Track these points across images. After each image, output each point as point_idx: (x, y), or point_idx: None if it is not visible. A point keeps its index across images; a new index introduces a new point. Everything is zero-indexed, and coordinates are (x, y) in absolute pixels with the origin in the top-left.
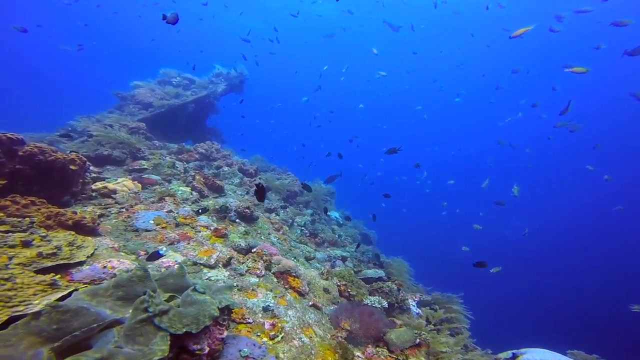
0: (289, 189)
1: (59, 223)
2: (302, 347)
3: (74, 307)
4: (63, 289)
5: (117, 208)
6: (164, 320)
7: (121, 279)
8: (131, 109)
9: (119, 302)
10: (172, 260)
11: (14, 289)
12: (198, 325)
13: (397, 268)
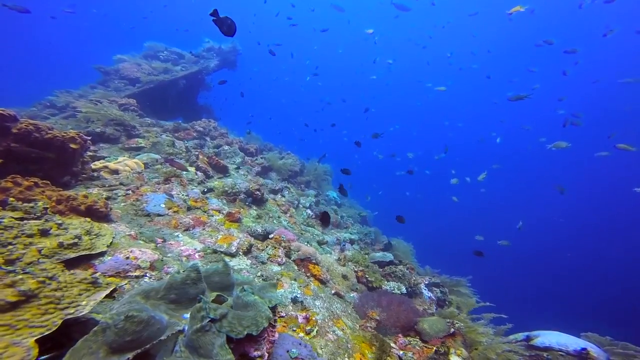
0: (291, 169)
1: (71, 208)
2: (338, 341)
3: (145, 317)
4: (104, 287)
5: (123, 190)
6: (224, 324)
7: (174, 281)
8: (117, 84)
9: (172, 306)
10: (191, 247)
11: (59, 289)
12: (258, 328)
13: (402, 250)
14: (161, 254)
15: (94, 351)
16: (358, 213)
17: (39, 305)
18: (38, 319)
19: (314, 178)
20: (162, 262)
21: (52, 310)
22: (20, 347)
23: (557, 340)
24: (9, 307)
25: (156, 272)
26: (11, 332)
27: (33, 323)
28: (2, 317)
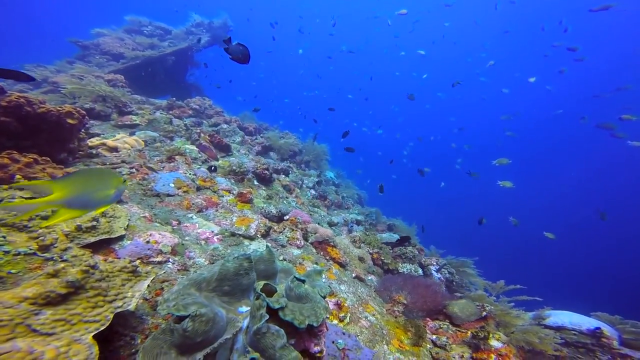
0: (292, 149)
1: None
2: (372, 328)
3: (212, 315)
4: (144, 276)
5: (127, 168)
6: (286, 313)
7: (227, 271)
8: (98, 59)
9: (226, 299)
10: (208, 230)
11: (103, 279)
12: (317, 319)
13: (406, 231)
14: (180, 238)
15: (166, 351)
16: (356, 193)
17: (88, 297)
18: (90, 312)
19: (314, 158)
20: (183, 247)
21: (102, 304)
22: (81, 344)
23: (569, 320)
24: (60, 299)
25: (179, 257)
26: (68, 328)
27: (86, 317)
28: (56, 311)
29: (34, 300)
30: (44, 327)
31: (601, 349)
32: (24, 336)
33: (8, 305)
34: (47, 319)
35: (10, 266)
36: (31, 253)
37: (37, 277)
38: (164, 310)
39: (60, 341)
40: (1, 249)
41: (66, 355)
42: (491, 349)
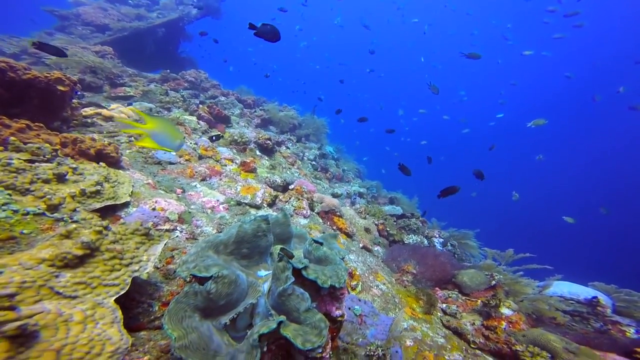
0: (291, 122)
1: (79, 152)
2: (384, 296)
3: (233, 277)
4: (156, 239)
5: (125, 137)
6: (309, 272)
7: (245, 233)
8: (80, 31)
9: (244, 262)
10: (213, 199)
11: (117, 241)
12: (339, 281)
13: (407, 204)
14: (186, 206)
15: (190, 315)
16: (355, 167)
17: (105, 260)
18: (108, 276)
19: (313, 131)
20: (190, 215)
21: (119, 267)
22: (105, 307)
23: (568, 290)
24: (77, 262)
25: (187, 226)
26: (90, 291)
27: (106, 281)
28: (75, 274)
29: (52, 262)
30: (66, 289)
31: (595, 316)
32: (49, 298)
33: (27, 266)
34: (68, 282)
35: (22, 226)
36: (40, 213)
37: (50, 238)
38: (184, 272)
39: (84, 304)
40: (9, 207)
41: (93, 318)
42: (502, 316)
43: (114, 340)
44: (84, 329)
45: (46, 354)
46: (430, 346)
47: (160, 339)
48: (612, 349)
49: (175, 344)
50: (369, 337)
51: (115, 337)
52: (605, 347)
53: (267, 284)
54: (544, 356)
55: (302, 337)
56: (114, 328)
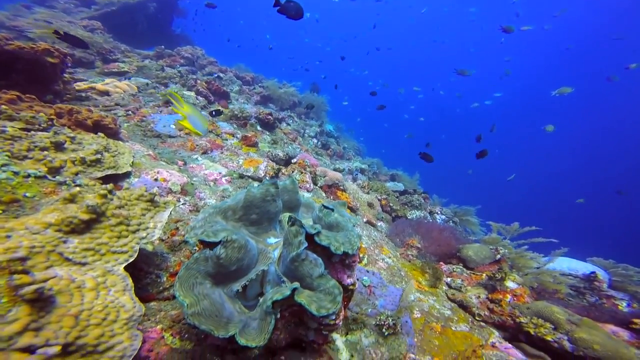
0: (291, 99)
1: (76, 122)
2: (390, 269)
3: (243, 241)
4: (162, 206)
5: (122, 111)
6: (322, 238)
7: (253, 197)
8: (63, 5)
9: (253, 229)
10: (216, 171)
11: (122, 207)
12: (352, 247)
13: (408, 180)
14: (188, 177)
15: (201, 281)
16: (355, 145)
17: (111, 226)
18: (116, 242)
19: (314, 110)
20: (193, 186)
21: (126, 233)
22: (116, 275)
23: (568, 266)
24: (84, 227)
25: (190, 197)
26: (99, 258)
27: (114, 248)
28: (83, 240)
29: (59, 227)
30: (75, 255)
31: (591, 291)
32: (60, 265)
33: (35, 230)
34: (77, 248)
35: (24, 189)
36: (42, 176)
37: (54, 202)
38: (192, 238)
39: (95, 271)
40: (9, 168)
41: (105, 285)
42: (507, 289)
43: (128, 308)
44: (97, 296)
45: (65, 319)
46: (437, 317)
47: (170, 309)
48: (611, 321)
49: (187, 311)
50: (378, 308)
51: (129, 304)
52: (603, 319)
53: (277, 251)
54: (547, 327)
55: (316, 303)
56: (126, 296)
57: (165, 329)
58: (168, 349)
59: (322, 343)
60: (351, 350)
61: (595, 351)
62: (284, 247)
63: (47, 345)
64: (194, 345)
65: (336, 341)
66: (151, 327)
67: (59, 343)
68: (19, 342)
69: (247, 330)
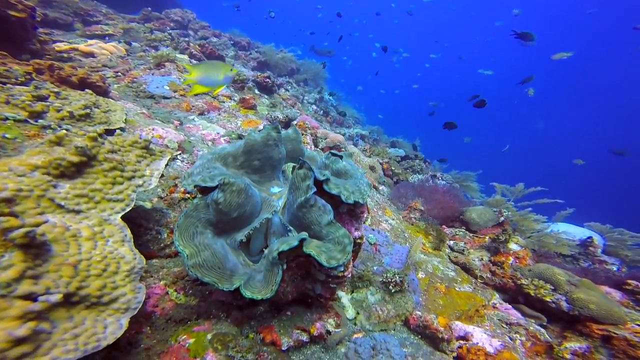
0: (290, 65)
1: (59, 79)
2: (394, 231)
3: (243, 185)
4: (158, 154)
5: (111, 72)
6: (330, 187)
7: (254, 142)
8: None
9: (255, 177)
10: (214, 132)
11: (116, 152)
12: (363, 196)
13: (409, 147)
14: (186, 136)
15: (202, 231)
16: (355, 114)
17: (104, 171)
18: (110, 189)
19: (312, 76)
20: (190, 144)
21: (121, 180)
22: (113, 224)
23: (565, 229)
24: (75, 171)
25: (188, 155)
26: (93, 206)
27: (109, 195)
28: (74, 185)
29: (46, 169)
30: (68, 202)
31: (585, 256)
32: (52, 212)
33: (19, 172)
34: (68, 194)
35: (3, 130)
36: (22, 120)
37: (40, 145)
38: (189, 184)
39: (90, 220)
40: None
41: (102, 235)
42: (510, 251)
43: (128, 259)
44: (95, 246)
45: (64, 268)
46: (441, 278)
47: (173, 266)
48: (606, 283)
49: (188, 262)
50: (385, 265)
51: (129, 255)
52: (599, 281)
53: (282, 200)
54: (547, 288)
55: (326, 254)
56: (126, 247)
57: (169, 284)
58: (173, 304)
59: (329, 297)
60: (357, 308)
61: (590, 310)
62: (290, 193)
63: (48, 293)
64: (199, 301)
65: (342, 299)
66: (154, 283)
67: (61, 292)
68: (19, 289)
69: (252, 283)
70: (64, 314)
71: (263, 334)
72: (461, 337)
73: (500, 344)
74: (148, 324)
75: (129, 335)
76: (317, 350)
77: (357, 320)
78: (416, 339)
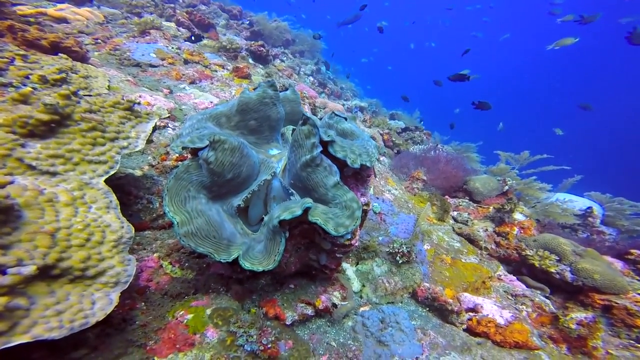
0: (284, 36)
1: (25, 42)
2: (397, 200)
3: (236, 143)
4: (145, 117)
5: (89, 39)
6: (336, 148)
7: (249, 100)
8: None
9: (252, 138)
10: (206, 100)
11: (95, 112)
12: (371, 159)
13: (408, 119)
14: (176, 104)
15: (194, 195)
16: (352, 87)
17: (82, 131)
18: (91, 150)
19: (308, 48)
20: (182, 112)
21: (102, 141)
22: (95, 189)
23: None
24: (46, 130)
25: (179, 123)
26: (71, 168)
27: (89, 156)
28: (47, 145)
29: (10, 127)
30: (40, 163)
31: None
32: (22, 173)
33: None
34: (40, 154)
35: None
36: None
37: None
38: (177, 146)
39: (69, 184)
40: None
41: (83, 200)
42: (514, 222)
43: (114, 227)
44: (76, 213)
45: (40, 237)
46: (447, 250)
47: (167, 237)
48: (608, 253)
49: (179, 231)
50: (391, 235)
51: (115, 224)
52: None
53: (282, 162)
54: (552, 259)
55: (333, 221)
56: (112, 214)
57: (163, 257)
58: (169, 278)
59: (335, 268)
60: (363, 280)
61: (594, 280)
62: (292, 152)
63: (21, 265)
64: (196, 274)
65: (346, 271)
66: (147, 255)
67: (36, 263)
68: None
69: (252, 253)
70: (44, 288)
71: (266, 308)
72: (470, 309)
73: (511, 316)
74: (142, 299)
75: (122, 312)
76: (323, 324)
77: (363, 293)
78: (424, 311)
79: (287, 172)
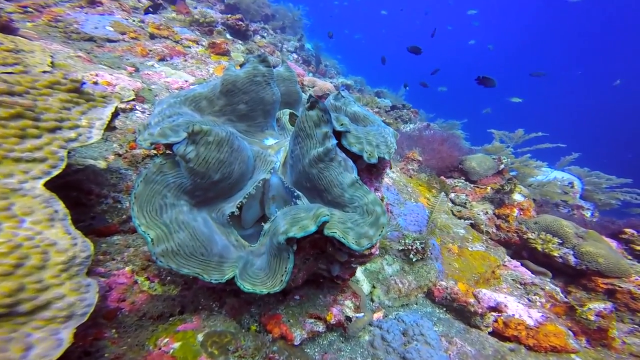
0: (263, 10)
1: None
2: (396, 184)
3: (223, 133)
4: (99, 100)
5: (12, 6)
6: (350, 139)
7: (237, 78)
8: None
9: (243, 126)
10: (180, 79)
11: (19, 94)
12: (389, 150)
13: (394, 97)
14: (144, 83)
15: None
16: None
17: (2, 120)
18: (18, 145)
19: (290, 24)
20: (151, 92)
21: (36, 132)
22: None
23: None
24: None
25: (149, 105)
26: None
27: (15, 153)
28: None
29: None
30: None
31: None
32: None
33: None
34: None
35: None
36: None
37: None
38: (145, 140)
39: None
40: None
41: (9, 213)
42: (514, 203)
43: (62, 246)
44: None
45: None
46: (452, 238)
47: (142, 243)
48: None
49: (155, 250)
50: (400, 229)
51: (63, 241)
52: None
53: (281, 154)
54: (555, 242)
55: (353, 231)
56: (57, 228)
57: (138, 271)
58: (147, 296)
59: (349, 278)
60: (372, 281)
61: (598, 264)
62: (295, 143)
63: None
64: (182, 289)
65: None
66: (117, 269)
67: None
68: None
69: (251, 271)
70: None
71: (269, 327)
72: (492, 307)
73: (541, 315)
74: (113, 325)
75: (84, 344)
76: (336, 339)
77: (374, 296)
78: (443, 313)
79: (288, 166)
